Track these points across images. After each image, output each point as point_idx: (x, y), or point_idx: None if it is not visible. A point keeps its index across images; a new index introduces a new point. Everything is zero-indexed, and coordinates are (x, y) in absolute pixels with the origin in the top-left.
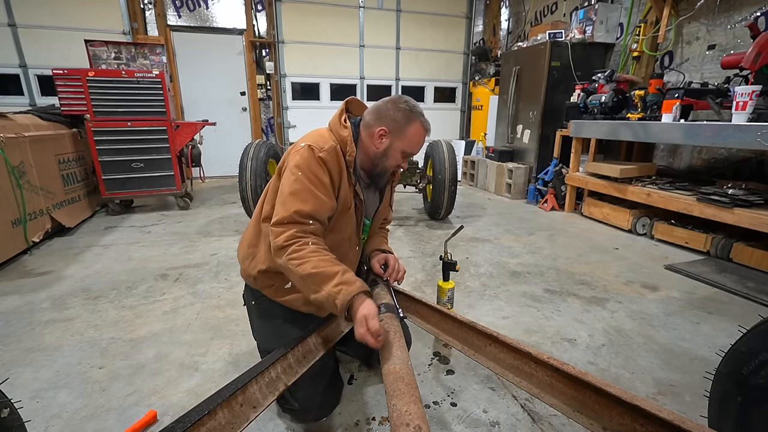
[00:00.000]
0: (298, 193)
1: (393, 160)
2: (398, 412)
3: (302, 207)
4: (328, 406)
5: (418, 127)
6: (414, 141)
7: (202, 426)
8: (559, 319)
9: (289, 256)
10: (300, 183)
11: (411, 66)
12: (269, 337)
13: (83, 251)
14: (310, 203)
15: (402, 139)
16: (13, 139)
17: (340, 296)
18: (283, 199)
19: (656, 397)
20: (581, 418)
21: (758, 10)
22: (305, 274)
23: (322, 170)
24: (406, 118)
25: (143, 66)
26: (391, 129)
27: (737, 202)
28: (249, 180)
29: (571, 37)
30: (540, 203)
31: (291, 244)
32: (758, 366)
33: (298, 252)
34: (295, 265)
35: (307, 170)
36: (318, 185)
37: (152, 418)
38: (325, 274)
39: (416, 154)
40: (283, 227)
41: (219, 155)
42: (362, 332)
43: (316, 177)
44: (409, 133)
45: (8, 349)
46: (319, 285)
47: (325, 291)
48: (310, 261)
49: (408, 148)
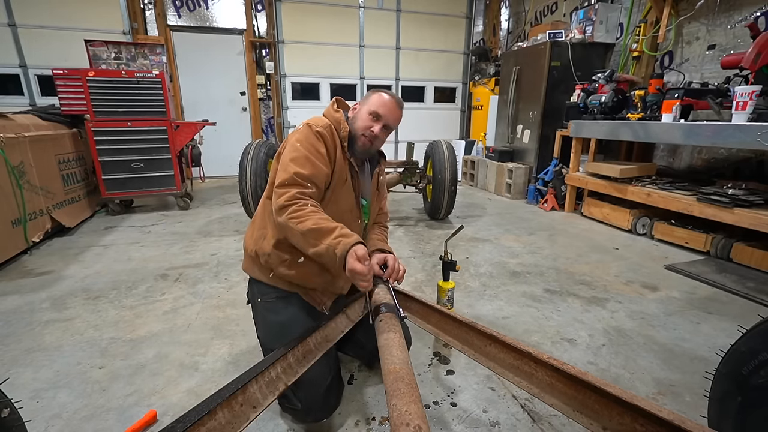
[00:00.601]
0: (297, 159)
1: (361, 121)
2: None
3: (301, 170)
4: (330, 407)
5: (380, 93)
6: (375, 102)
7: (202, 426)
8: (559, 319)
9: (290, 215)
10: (299, 151)
11: (411, 66)
12: (273, 335)
13: (83, 251)
14: (308, 168)
15: (367, 103)
16: (13, 139)
17: (339, 246)
18: (284, 165)
19: (656, 397)
20: (581, 418)
21: (758, 10)
22: (306, 229)
23: (319, 142)
24: (372, 92)
25: (143, 66)
26: (360, 102)
27: (737, 202)
28: (249, 180)
29: (571, 37)
30: (540, 203)
31: (292, 204)
32: (758, 366)
33: (299, 211)
34: (296, 222)
35: (305, 141)
36: (315, 154)
37: (152, 418)
38: (325, 229)
39: (386, 117)
40: (285, 188)
41: (219, 155)
42: (351, 261)
43: (314, 147)
44: (372, 98)
45: (8, 349)
46: (318, 239)
47: (325, 243)
48: (310, 218)
49: (372, 107)
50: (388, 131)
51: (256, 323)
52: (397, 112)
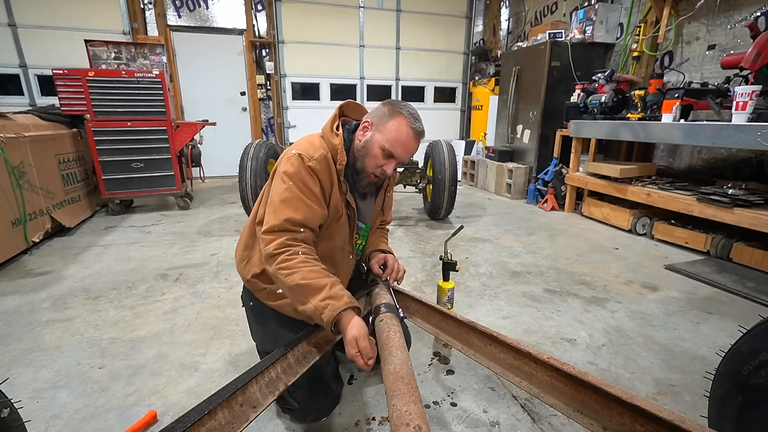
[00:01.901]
0: (289, 201)
1: (371, 158)
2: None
3: (293, 215)
4: (328, 407)
5: (401, 121)
6: (393, 136)
7: (202, 426)
8: (559, 319)
9: (279, 266)
10: (290, 191)
11: (411, 66)
12: (266, 338)
13: (83, 251)
14: (300, 211)
15: (382, 132)
16: (13, 139)
17: (326, 311)
18: (273, 207)
19: (656, 397)
20: (581, 418)
21: (758, 10)
22: (294, 284)
23: (312, 179)
24: (391, 112)
25: (143, 66)
26: (375, 121)
27: (737, 202)
28: (249, 180)
29: (571, 37)
30: (540, 203)
31: (281, 253)
32: (758, 366)
33: (288, 261)
34: (284, 275)
35: (297, 179)
36: (308, 194)
37: (152, 418)
38: (313, 287)
39: (400, 158)
40: (274, 235)
41: (219, 155)
42: (353, 353)
43: (306, 186)
44: (389, 125)
45: (8, 349)
46: (306, 297)
47: (312, 304)
48: (299, 271)
49: (387, 143)
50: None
51: (250, 326)
52: (414, 148)
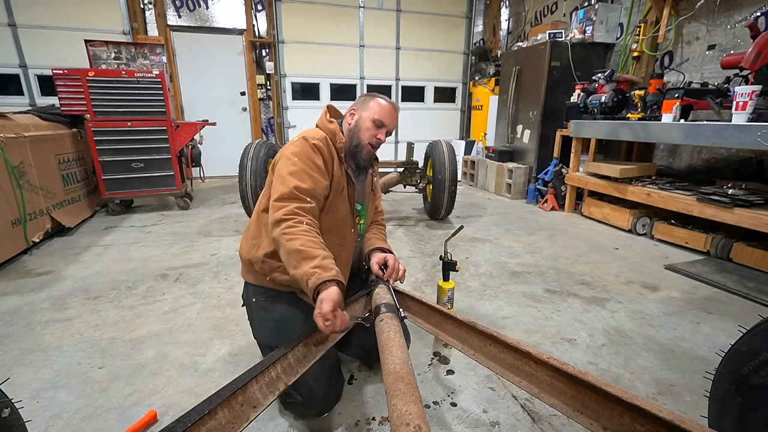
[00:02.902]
0: (296, 173)
1: (365, 130)
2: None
3: (301, 184)
4: (331, 401)
5: (378, 100)
6: (376, 109)
7: (202, 426)
8: (559, 319)
9: (283, 230)
10: (296, 165)
11: (411, 66)
12: (269, 335)
13: (83, 251)
14: (307, 181)
15: (368, 110)
16: (13, 139)
17: (313, 278)
18: (281, 179)
19: (656, 397)
20: (581, 418)
21: (758, 10)
22: (292, 249)
23: (316, 155)
24: (369, 97)
25: (143, 66)
26: (357, 106)
27: (737, 202)
28: (249, 180)
29: (571, 37)
30: (540, 203)
31: (288, 219)
32: (758, 366)
33: (292, 228)
34: (286, 239)
35: (302, 155)
36: (313, 167)
37: (152, 418)
38: (308, 254)
39: (388, 126)
40: (283, 202)
41: (219, 155)
42: (315, 313)
43: (311, 160)
44: (371, 104)
45: (8, 349)
46: (299, 262)
47: (302, 270)
48: (299, 239)
49: (375, 114)
50: (388, 136)
51: (252, 324)
52: (395, 117)
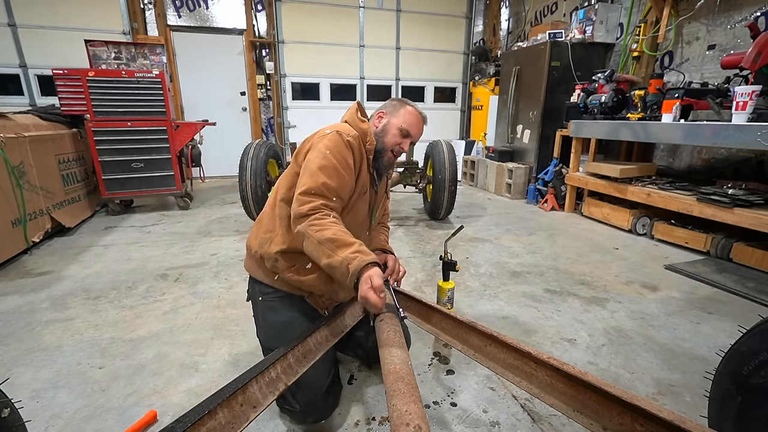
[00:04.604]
0: (326, 168)
1: (391, 136)
2: (398, 412)
3: (329, 181)
4: (328, 408)
5: (411, 109)
6: (407, 118)
7: (202, 426)
8: (559, 319)
9: (311, 222)
10: (328, 160)
11: (411, 66)
12: (274, 334)
13: (83, 251)
14: (336, 179)
15: (397, 117)
16: (13, 139)
17: (355, 261)
18: (310, 172)
19: (656, 397)
20: (581, 418)
21: (758, 10)
22: (324, 238)
23: (348, 153)
24: (400, 104)
25: (143, 66)
26: (388, 111)
27: (737, 202)
28: (249, 180)
29: (571, 37)
30: (540, 203)
31: (314, 213)
32: (758, 366)
33: (321, 220)
34: (315, 230)
35: (335, 151)
36: (345, 166)
37: (152, 418)
38: (344, 241)
39: (414, 137)
40: (310, 197)
41: (219, 155)
42: (365, 288)
43: (344, 158)
44: (402, 112)
45: (8, 349)
46: (335, 250)
47: (341, 256)
48: (330, 228)
49: (404, 123)
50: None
51: (256, 322)
52: (422, 129)
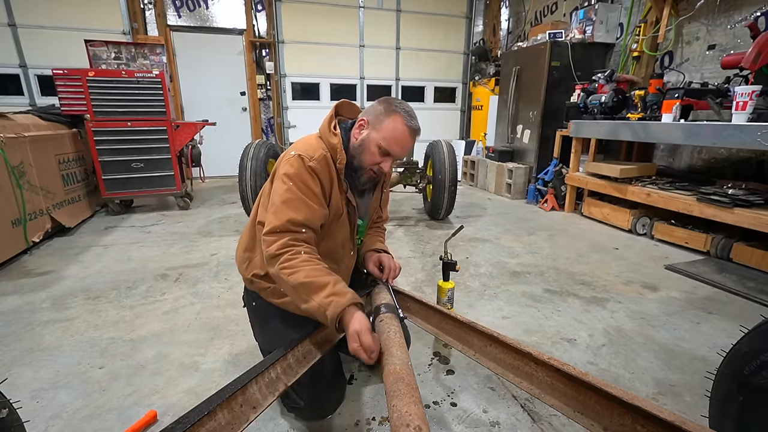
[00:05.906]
0: (290, 202)
1: (369, 155)
2: (398, 412)
3: (295, 216)
4: (333, 404)
5: (397, 119)
6: (389, 134)
7: (202, 426)
8: (559, 319)
9: (281, 265)
10: (291, 192)
11: (411, 66)
12: (270, 338)
13: (83, 251)
14: (302, 212)
15: (378, 131)
16: (13, 139)
17: (330, 307)
18: (275, 208)
19: (656, 398)
20: (581, 418)
21: (758, 10)
22: (297, 283)
23: (312, 179)
24: (387, 110)
25: (143, 66)
26: (371, 120)
27: (737, 202)
28: (249, 180)
29: (571, 37)
30: (540, 203)
31: (283, 253)
32: (759, 366)
33: (290, 261)
34: (287, 274)
35: (297, 180)
36: (309, 194)
37: (152, 418)
38: (317, 284)
39: (396, 155)
40: (275, 236)
41: (219, 155)
42: (355, 347)
43: (307, 186)
44: (385, 124)
45: (8, 349)
46: (309, 295)
47: (316, 301)
48: (302, 270)
49: (383, 141)
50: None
51: (253, 327)
52: (410, 145)
